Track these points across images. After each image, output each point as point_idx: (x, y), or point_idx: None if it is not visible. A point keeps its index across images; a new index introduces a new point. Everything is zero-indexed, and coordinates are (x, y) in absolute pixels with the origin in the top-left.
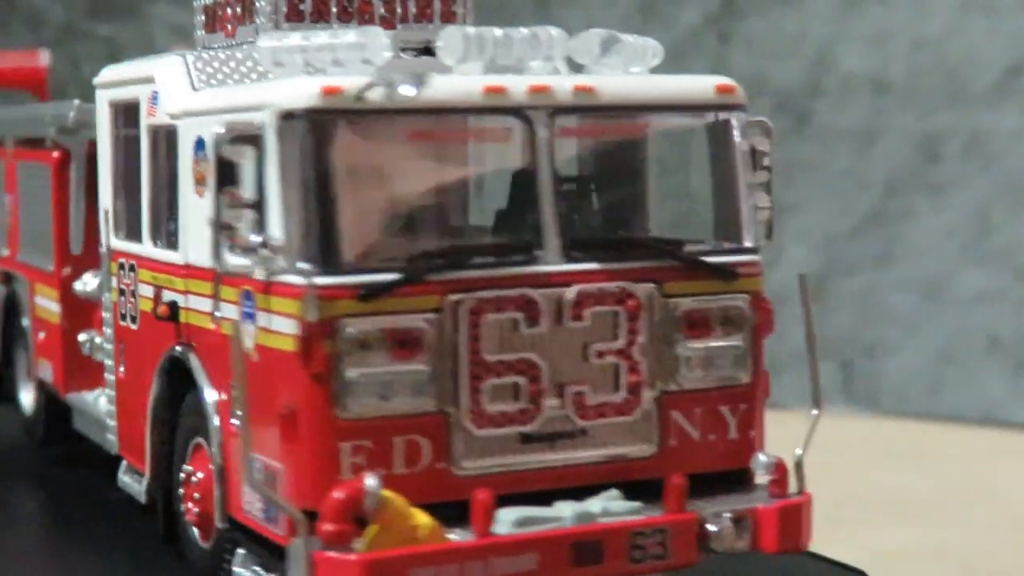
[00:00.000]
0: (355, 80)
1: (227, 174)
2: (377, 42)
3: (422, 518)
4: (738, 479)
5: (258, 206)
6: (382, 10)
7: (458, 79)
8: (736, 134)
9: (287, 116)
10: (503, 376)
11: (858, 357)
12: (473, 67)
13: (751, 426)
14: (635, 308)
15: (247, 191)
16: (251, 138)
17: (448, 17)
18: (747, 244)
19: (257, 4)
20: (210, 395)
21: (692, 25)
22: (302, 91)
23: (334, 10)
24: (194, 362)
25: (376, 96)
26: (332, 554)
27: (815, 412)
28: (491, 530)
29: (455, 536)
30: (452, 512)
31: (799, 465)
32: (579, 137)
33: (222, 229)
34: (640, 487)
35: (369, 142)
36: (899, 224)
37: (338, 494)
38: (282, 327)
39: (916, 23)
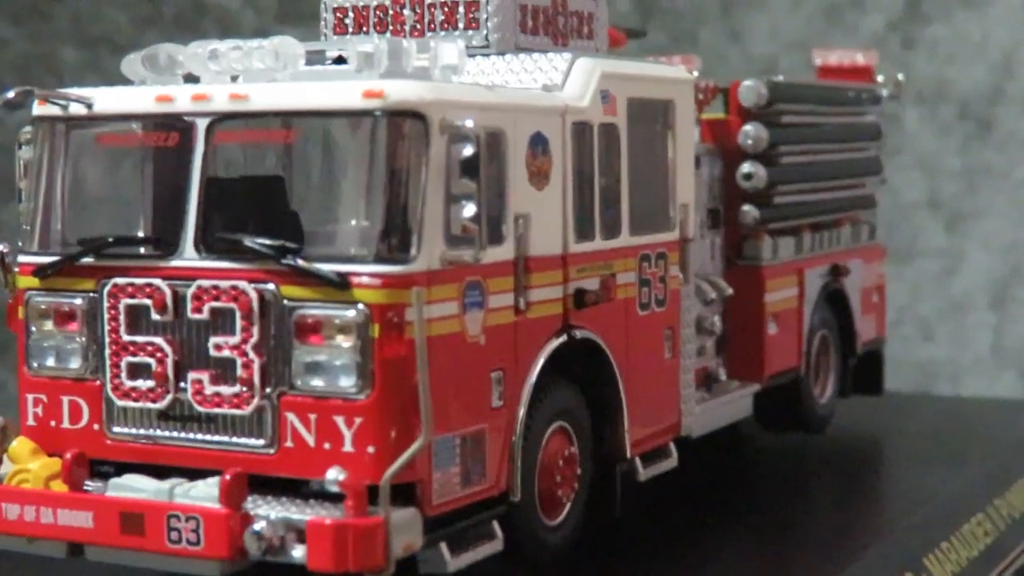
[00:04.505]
0: (69, 92)
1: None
2: (290, 50)
3: (37, 465)
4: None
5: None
6: (413, 20)
7: (140, 89)
8: (389, 140)
9: (31, 121)
10: (137, 355)
11: None
12: (221, 77)
13: (370, 443)
14: (246, 307)
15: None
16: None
17: (471, 24)
18: (394, 254)
19: (324, 16)
20: None
21: (876, 31)
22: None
23: (373, 20)
24: None
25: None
26: None
27: (420, 439)
28: (87, 487)
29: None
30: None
31: (386, 488)
32: (240, 143)
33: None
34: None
35: (69, 145)
36: None
37: None
38: None
39: None
